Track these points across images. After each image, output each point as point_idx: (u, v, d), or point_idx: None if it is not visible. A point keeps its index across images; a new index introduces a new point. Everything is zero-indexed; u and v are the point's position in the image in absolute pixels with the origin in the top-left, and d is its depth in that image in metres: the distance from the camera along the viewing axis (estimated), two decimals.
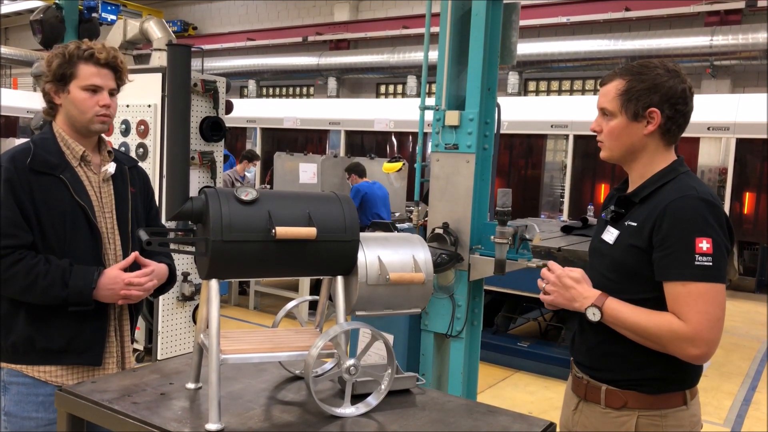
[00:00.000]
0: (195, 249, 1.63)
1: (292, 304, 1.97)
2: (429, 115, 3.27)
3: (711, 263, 1.68)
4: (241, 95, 18.60)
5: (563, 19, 13.17)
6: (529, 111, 10.83)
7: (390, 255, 1.73)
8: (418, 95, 14.24)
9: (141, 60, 7.07)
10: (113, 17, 6.19)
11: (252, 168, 8.89)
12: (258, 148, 13.78)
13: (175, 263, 2.35)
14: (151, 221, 2.34)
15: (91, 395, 1.68)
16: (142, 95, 4.95)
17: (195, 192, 1.62)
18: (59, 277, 1.96)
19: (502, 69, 3.39)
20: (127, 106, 5.01)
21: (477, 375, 3.31)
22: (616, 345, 1.84)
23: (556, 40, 12.84)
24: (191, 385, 1.77)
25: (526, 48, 12.33)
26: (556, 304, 1.89)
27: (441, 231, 3.10)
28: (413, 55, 14.45)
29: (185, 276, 4.98)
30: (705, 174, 9.46)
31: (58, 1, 5.93)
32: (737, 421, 4.94)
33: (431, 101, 3.22)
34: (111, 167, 2.17)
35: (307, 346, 1.67)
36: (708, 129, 9.33)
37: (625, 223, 1.86)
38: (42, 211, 2.00)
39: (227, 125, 5.18)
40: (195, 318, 5.11)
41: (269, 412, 1.67)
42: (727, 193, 9.30)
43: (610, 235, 1.90)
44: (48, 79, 2.09)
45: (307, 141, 13.56)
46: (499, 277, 3.09)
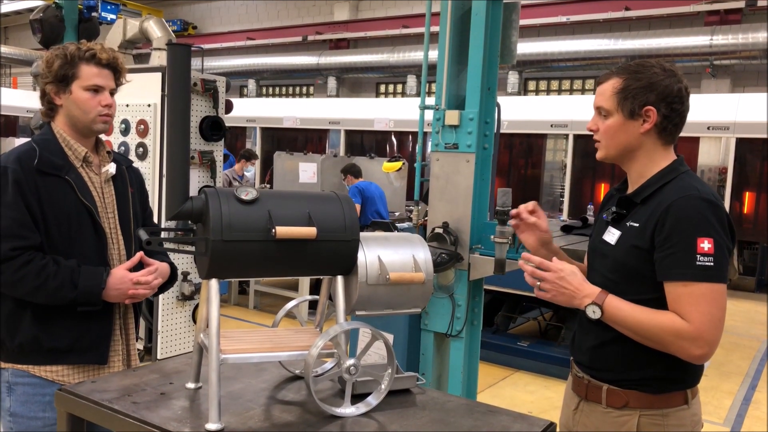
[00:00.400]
0: (195, 248, 1.63)
1: (292, 303, 1.97)
2: (429, 115, 3.26)
3: (712, 263, 1.68)
4: (241, 95, 18.59)
5: (563, 19, 13.17)
6: (529, 110, 10.83)
7: (390, 255, 1.73)
8: (417, 95, 14.23)
9: (141, 59, 7.07)
10: (113, 16, 6.18)
11: (251, 167, 8.89)
12: (258, 147, 13.78)
13: (176, 263, 2.35)
14: (145, 221, 2.35)
15: (91, 395, 1.68)
16: (141, 95, 4.95)
17: (195, 191, 1.62)
18: (68, 278, 1.97)
19: (502, 68, 3.39)
20: (127, 105, 5.01)
21: (477, 374, 3.31)
22: (617, 345, 1.83)
23: (556, 39, 12.83)
24: (191, 385, 1.77)
25: (526, 47, 12.32)
26: (554, 301, 1.86)
27: (441, 230, 3.10)
28: (413, 55, 14.45)
29: (185, 275, 4.98)
30: (705, 173, 9.46)
31: (57, 1, 5.93)
32: (737, 421, 4.95)
33: (431, 101, 3.22)
34: (112, 167, 2.18)
35: (307, 345, 1.67)
36: (708, 128, 9.33)
37: (627, 224, 1.85)
38: (48, 213, 2.00)
39: (227, 125, 5.18)
40: (195, 317, 5.11)
41: (269, 411, 1.67)
42: (727, 193, 9.30)
43: (611, 236, 1.89)
44: (48, 80, 2.09)
45: (307, 140, 13.56)
46: (499, 277, 3.08)
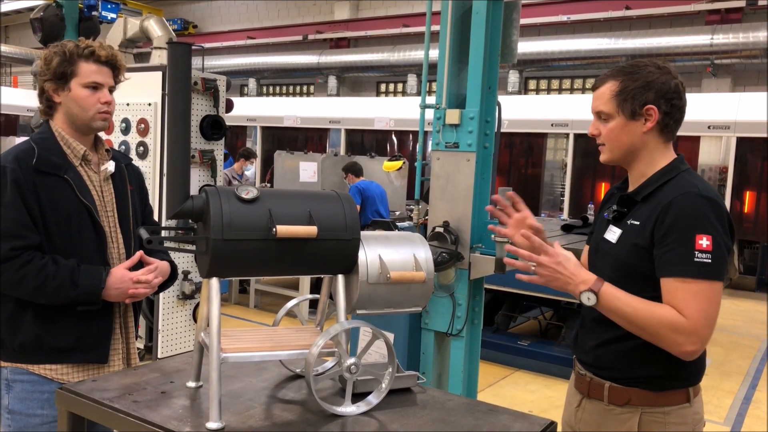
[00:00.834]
0: (195, 247, 1.63)
1: (292, 302, 1.97)
2: (429, 114, 3.26)
3: (710, 261, 1.68)
4: (242, 94, 18.59)
5: (564, 18, 13.16)
6: (530, 110, 10.83)
7: (391, 254, 1.73)
8: (418, 94, 14.23)
9: (141, 58, 7.06)
10: (113, 15, 6.17)
11: (250, 166, 8.90)
12: (258, 146, 13.79)
13: (176, 262, 2.35)
14: (145, 219, 2.34)
15: (92, 394, 1.68)
16: (142, 94, 4.95)
17: (195, 190, 1.62)
18: (68, 278, 1.97)
19: (502, 67, 3.39)
20: (128, 104, 5.00)
21: (477, 374, 3.31)
22: (619, 343, 1.83)
23: (556, 38, 12.83)
24: (192, 384, 1.77)
25: (526, 46, 12.32)
26: (548, 285, 1.82)
27: (441, 230, 3.10)
28: (413, 54, 14.44)
29: (186, 274, 4.98)
30: (705, 173, 9.45)
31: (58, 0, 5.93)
32: (737, 420, 4.95)
33: (432, 100, 3.22)
34: (111, 166, 2.17)
35: (308, 344, 1.66)
36: (708, 128, 9.33)
37: (628, 222, 1.86)
38: (47, 212, 2.00)
39: (227, 124, 5.18)
40: (195, 316, 5.11)
41: (270, 410, 1.67)
42: (728, 192, 9.30)
43: (612, 235, 1.89)
44: (47, 78, 2.08)
45: (308, 139, 13.56)
46: (500, 276, 3.09)
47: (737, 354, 6.59)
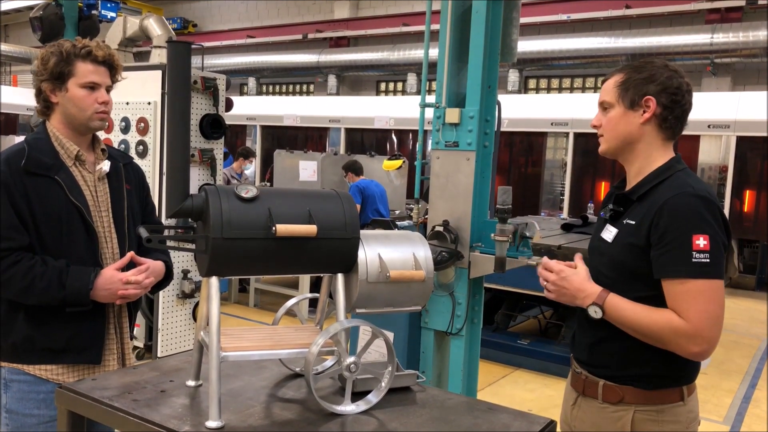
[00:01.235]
0: (195, 246, 1.63)
1: (292, 301, 1.97)
2: (429, 113, 3.26)
3: (708, 260, 1.69)
4: (241, 93, 18.58)
5: (564, 17, 13.15)
6: (530, 109, 10.83)
7: (390, 252, 1.73)
8: (418, 93, 14.22)
9: (141, 57, 7.06)
10: (113, 14, 6.16)
11: (249, 165, 8.90)
12: (258, 145, 13.79)
13: (176, 260, 2.34)
14: (147, 217, 2.33)
15: (92, 392, 1.68)
16: (142, 92, 4.94)
17: (195, 189, 1.61)
18: (56, 279, 1.96)
19: (502, 66, 3.39)
20: (127, 103, 5.00)
21: (477, 372, 3.31)
22: (613, 342, 1.84)
23: (556, 37, 12.81)
24: (191, 383, 1.78)
25: (526, 45, 12.30)
26: (559, 300, 1.91)
27: (441, 229, 3.10)
28: (413, 53, 14.43)
29: (185, 273, 4.98)
30: (705, 172, 9.45)
31: None
32: (737, 419, 4.95)
33: (431, 99, 3.22)
34: (105, 165, 2.16)
35: (308, 343, 1.66)
36: (708, 127, 9.33)
37: (624, 221, 1.87)
38: (38, 213, 1.99)
39: (227, 123, 5.18)
40: (195, 315, 5.11)
41: (269, 409, 1.67)
42: (728, 191, 9.30)
43: (608, 234, 1.90)
44: (44, 78, 2.07)
45: (307, 138, 13.56)
46: (500, 275, 3.09)
47: (737, 353, 6.59)
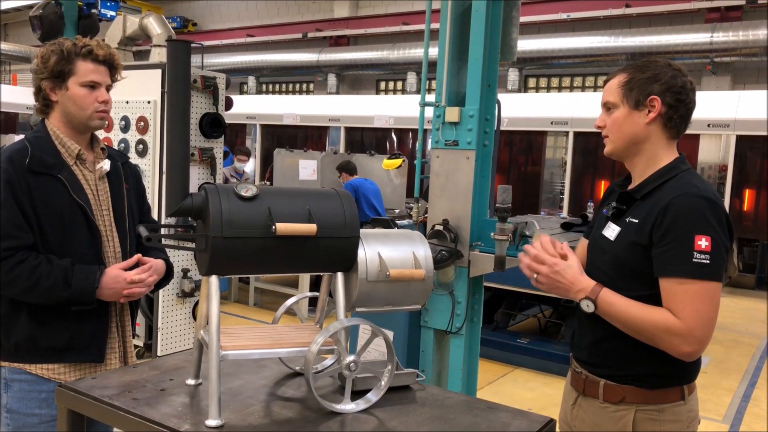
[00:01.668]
0: (195, 245, 1.63)
1: (292, 300, 1.97)
2: (429, 112, 3.26)
3: (708, 261, 1.69)
4: (241, 92, 18.58)
5: (563, 16, 13.15)
6: (529, 108, 10.82)
7: (390, 251, 1.73)
8: (418, 92, 14.22)
9: (140, 56, 7.05)
10: (112, 13, 6.16)
11: (240, 165, 8.91)
12: (258, 144, 13.78)
13: (175, 259, 2.35)
14: (143, 217, 2.33)
15: (91, 391, 1.68)
16: (141, 91, 4.94)
17: (195, 188, 1.62)
18: (62, 278, 1.96)
19: (502, 66, 3.39)
20: (127, 102, 5.00)
21: (477, 371, 3.31)
22: (614, 341, 1.84)
23: (556, 36, 12.81)
24: (191, 381, 1.78)
25: (526, 44, 12.31)
26: (551, 293, 1.89)
27: (441, 228, 3.10)
28: (413, 52, 14.43)
29: (185, 272, 4.98)
30: (705, 171, 9.45)
31: None
32: (737, 418, 4.95)
33: (431, 98, 3.22)
34: (106, 164, 2.16)
35: (307, 342, 1.67)
36: (708, 126, 9.33)
37: (627, 220, 1.86)
38: (41, 212, 1.99)
39: (227, 122, 5.18)
40: (195, 314, 5.11)
41: (269, 408, 1.68)
42: (727, 190, 9.30)
43: (611, 232, 1.90)
44: (44, 76, 2.07)
45: (307, 137, 13.56)
46: (499, 274, 3.09)
47: (736, 352, 6.60)
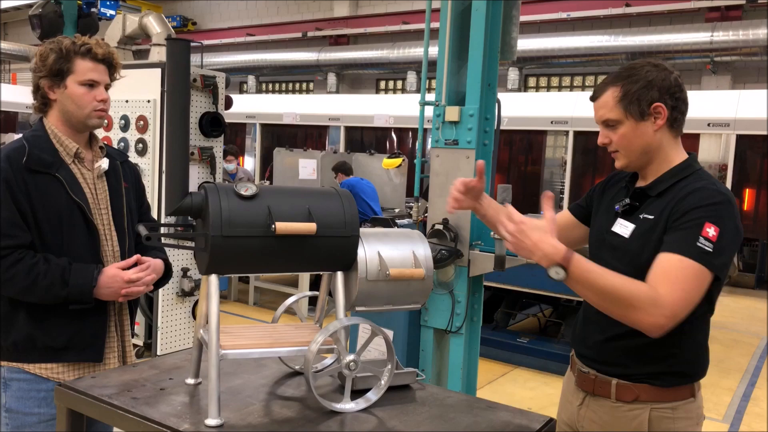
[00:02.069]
0: (194, 244, 1.63)
1: (291, 299, 1.97)
2: (429, 111, 3.26)
3: (711, 249, 1.68)
4: (241, 91, 18.58)
5: (563, 15, 13.15)
6: (529, 107, 10.83)
7: (390, 251, 1.73)
8: (417, 91, 14.22)
9: (140, 55, 7.05)
10: (112, 12, 6.18)
11: (228, 164, 8.89)
12: (258, 143, 13.79)
13: (175, 259, 2.34)
14: (142, 216, 2.33)
15: (91, 390, 1.68)
16: (141, 91, 4.94)
17: (194, 187, 1.61)
18: (59, 276, 1.96)
19: (502, 65, 3.39)
20: (127, 101, 5.00)
21: (476, 371, 3.31)
22: (626, 339, 1.81)
23: (556, 35, 12.81)
24: (191, 381, 1.77)
25: (526, 44, 12.30)
26: (517, 253, 1.73)
27: (441, 227, 3.10)
28: (413, 51, 14.43)
29: (185, 272, 4.97)
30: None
31: None
32: (736, 417, 4.95)
33: (431, 97, 3.22)
34: (104, 163, 2.16)
35: (307, 341, 1.66)
36: (708, 125, 9.33)
37: (641, 216, 1.85)
38: (39, 211, 1.99)
39: (227, 121, 5.18)
40: (194, 313, 5.11)
41: (269, 407, 1.67)
42: None
43: (623, 228, 1.88)
44: (43, 74, 2.06)
45: (307, 137, 13.56)
46: (499, 273, 3.09)
47: (736, 351, 6.60)
